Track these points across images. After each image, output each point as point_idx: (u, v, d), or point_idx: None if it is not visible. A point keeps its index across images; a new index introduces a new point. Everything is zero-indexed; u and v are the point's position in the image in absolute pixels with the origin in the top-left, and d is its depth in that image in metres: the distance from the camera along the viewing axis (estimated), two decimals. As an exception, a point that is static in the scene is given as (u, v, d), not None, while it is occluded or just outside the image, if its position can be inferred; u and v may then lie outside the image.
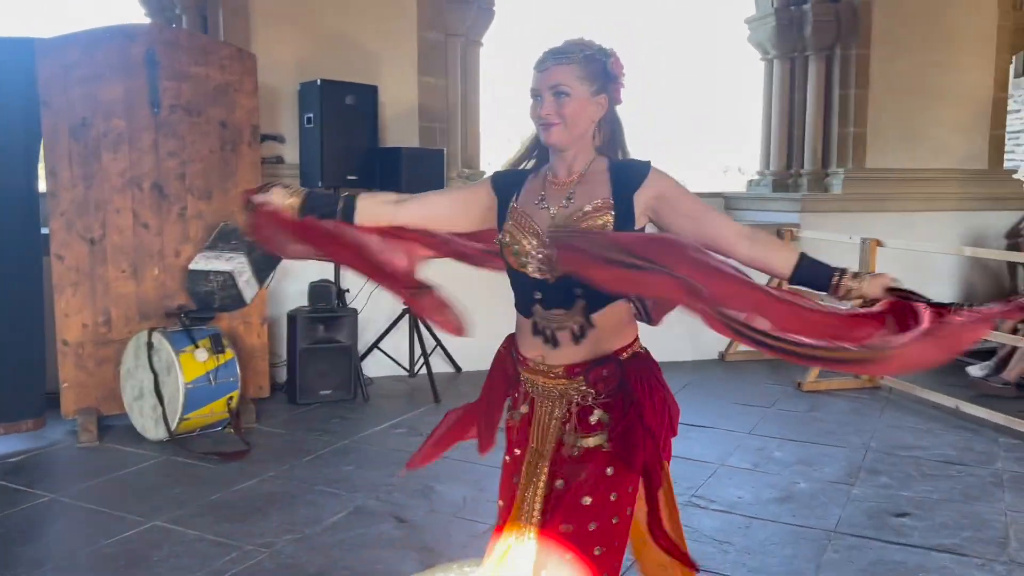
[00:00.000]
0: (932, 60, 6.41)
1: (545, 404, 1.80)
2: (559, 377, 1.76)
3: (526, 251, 1.72)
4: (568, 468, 1.74)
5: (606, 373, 1.72)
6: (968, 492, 3.67)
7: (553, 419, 1.78)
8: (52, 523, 3.34)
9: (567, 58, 1.68)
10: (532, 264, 1.71)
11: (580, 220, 1.67)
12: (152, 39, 4.47)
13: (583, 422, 1.75)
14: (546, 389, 1.79)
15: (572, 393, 1.75)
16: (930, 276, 6.52)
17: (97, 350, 4.44)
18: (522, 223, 1.74)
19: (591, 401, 1.75)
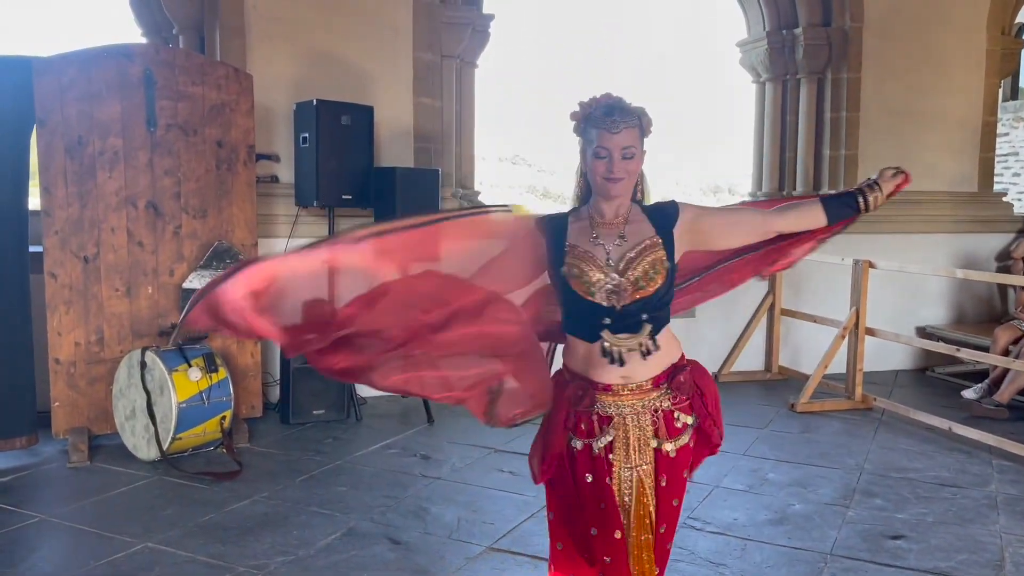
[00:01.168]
0: (922, 84, 6.49)
1: (633, 420, 1.99)
2: (647, 391, 1.98)
3: (594, 281, 1.92)
4: (668, 467, 2.00)
5: (683, 378, 2.01)
6: (963, 514, 3.67)
7: (642, 432, 1.99)
8: (41, 544, 3.30)
9: (633, 121, 1.92)
10: (600, 293, 1.91)
11: (641, 255, 1.92)
12: (149, 59, 4.49)
13: (670, 426, 2.00)
14: (633, 406, 1.98)
15: (657, 402, 1.99)
16: (921, 298, 6.57)
17: (89, 369, 4.42)
18: (585, 258, 1.94)
19: (671, 406, 2.00)
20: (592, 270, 1.92)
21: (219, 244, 4.67)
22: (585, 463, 2.00)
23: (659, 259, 1.92)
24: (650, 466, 1.99)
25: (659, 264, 1.92)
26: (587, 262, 1.92)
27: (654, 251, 1.92)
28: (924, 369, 6.49)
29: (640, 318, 1.92)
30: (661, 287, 1.92)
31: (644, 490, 1.99)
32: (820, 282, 6.27)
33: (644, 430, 1.98)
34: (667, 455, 1.99)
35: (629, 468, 1.99)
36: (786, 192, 6.72)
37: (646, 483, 1.99)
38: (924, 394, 5.83)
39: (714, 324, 6.22)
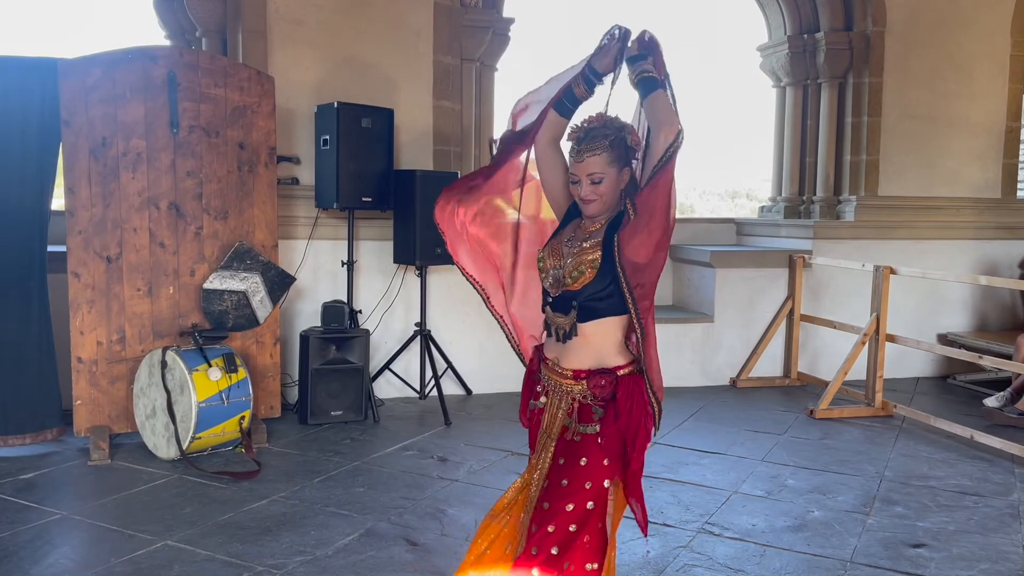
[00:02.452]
0: (945, 89, 6.44)
1: (554, 398, 2.18)
2: (567, 378, 2.14)
3: (546, 268, 2.16)
4: (568, 450, 2.13)
5: (604, 382, 2.10)
6: (985, 523, 3.63)
7: (560, 411, 2.17)
8: (64, 540, 3.33)
9: (597, 149, 2.06)
10: (547, 280, 2.16)
11: (579, 255, 2.10)
12: (173, 61, 4.53)
13: (583, 415, 2.12)
14: (557, 385, 2.17)
15: (576, 392, 2.13)
16: (943, 304, 6.51)
17: (111, 368, 4.46)
18: (554, 251, 2.17)
19: (590, 401, 2.11)
20: (550, 259, 2.16)
21: (240, 245, 4.70)
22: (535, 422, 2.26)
23: (591, 260, 2.07)
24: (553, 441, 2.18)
25: (588, 264, 2.07)
26: (552, 253, 2.16)
27: (591, 252, 2.08)
28: (945, 377, 6.43)
29: (571, 304, 2.10)
30: (589, 285, 2.07)
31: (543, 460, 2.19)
32: (840, 288, 6.23)
33: (561, 410, 2.16)
34: (570, 439, 2.13)
35: (543, 436, 2.21)
36: (806, 197, 6.69)
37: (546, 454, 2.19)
38: (945, 402, 5.77)
39: (733, 329, 6.19)
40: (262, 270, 4.76)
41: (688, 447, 4.64)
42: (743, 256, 6.35)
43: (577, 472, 2.09)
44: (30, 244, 4.32)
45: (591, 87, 2.14)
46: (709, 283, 6.27)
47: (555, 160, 2.23)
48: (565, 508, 2.07)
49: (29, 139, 4.27)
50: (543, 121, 2.18)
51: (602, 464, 2.09)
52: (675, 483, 4.07)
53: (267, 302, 4.80)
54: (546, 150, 2.22)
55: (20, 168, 4.27)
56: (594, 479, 2.08)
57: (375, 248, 5.48)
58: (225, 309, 4.67)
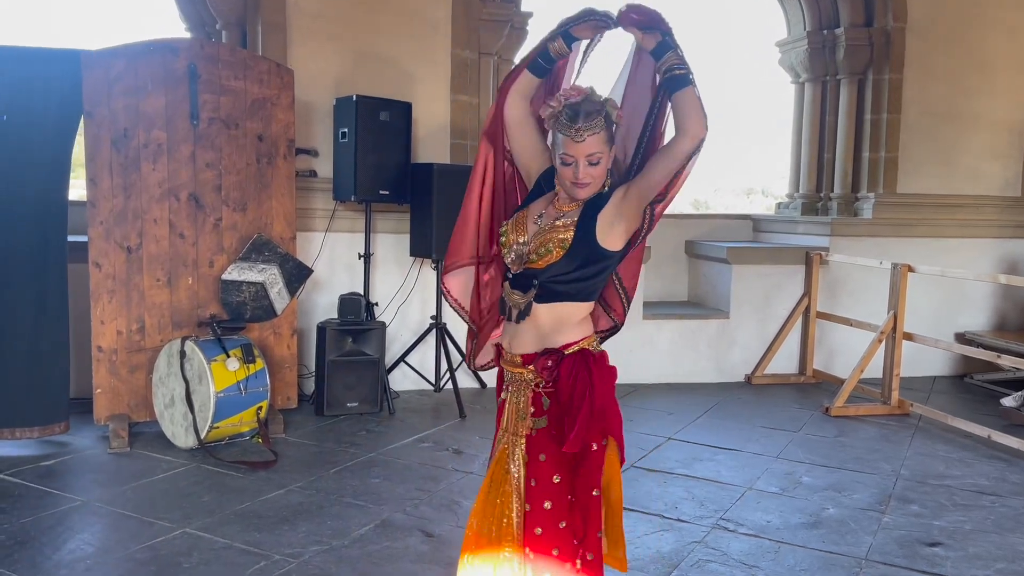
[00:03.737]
0: (966, 86, 6.38)
1: (514, 390, 2.10)
2: (519, 366, 2.08)
3: (510, 244, 2.04)
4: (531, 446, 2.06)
5: (550, 363, 2.01)
6: (1002, 523, 3.61)
7: (520, 403, 2.08)
8: (84, 527, 3.38)
9: (597, 127, 1.92)
10: (509, 256, 2.04)
11: (547, 231, 1.99)
12: (194, 53, 4.56)
13: (537, 407, 2.06)
14: (514, 376, 2.10)
15: (528, 380, 2.06)
16: (961, 303, 6.47)
17: (130, 357, 4.51)
18: (518, 226, 2.05)
19: (540, 388, 2.04)
20: (515, 234, 2.04)
21: (258, 237, 4.73)
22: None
23: (560, 239, 1.97)
24: (520, 438, 2.08)
25: (558, 243, 1.97)
26: (519, 227, 2.05)
27: (563, 231, 1.98)
28: (963, 376, 6.39)
29: (532, 282, 2.01)
30: (555, 264, 1.97)
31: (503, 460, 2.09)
32: (857, 285, 6.20)
33: (520, 400, 2.08)
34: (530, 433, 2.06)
35: (503, 433, 2.12)
36: (824, 194, 6.65)
37: (509, 456, 2.08)
38: (962, 401, 5.74)
39: (748, 326, 6.18)
40: (280, 262, 4.79)
41: (703, 443, 4.64)
42: (760, 252, 6.33)
43: (540, 468, 2.03)
44: (49, 235, 4.35)
45: (568, 45, 2.01)
46: (725, 279, 6.26)
47: (528, 124, 2.10)
48: (543, 507, 2.04)
49: (48, 131, 4.30)
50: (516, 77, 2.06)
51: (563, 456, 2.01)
52: (690, 479, 4.07)
53: (285, 294, 4.83)
54: (520, 113, 2.09)
55: (40, 159, 4.30)
56: (561, 471, 2.02)
57: (392, 241, 5.51)
58: (243, 300, 4.71)
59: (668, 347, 6.03)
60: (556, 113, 1.95)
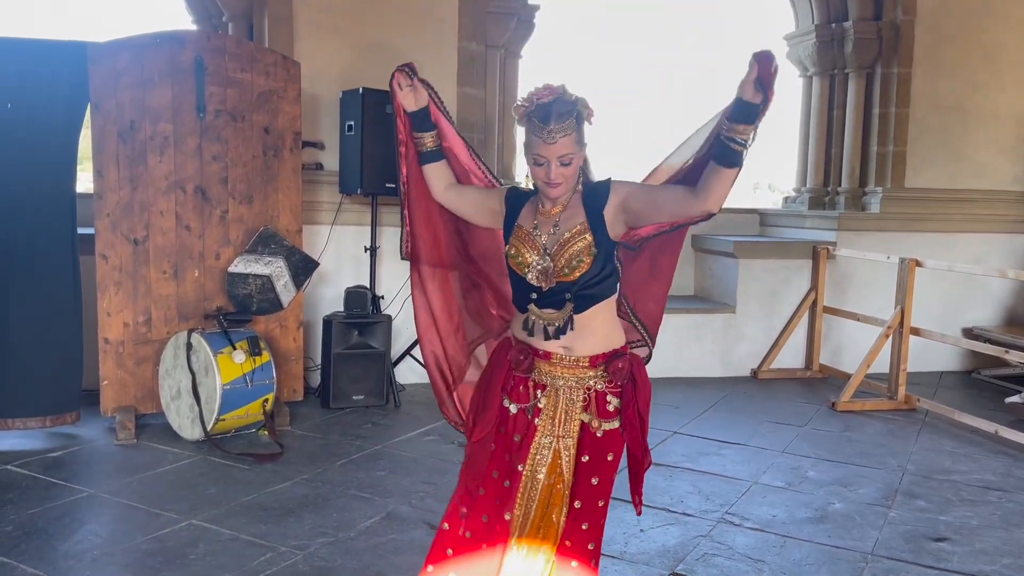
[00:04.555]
0: (975, 80, 6.35)
1: (565, 392, 2.06)
2: (584, 367, 2.04)
3: (528, 263, 2.02)
4: (592, 446, 2.05)
5: (621, 365, 2.03)
6: (1008, 519, 3.60)
7: (570, 405, 2.06)
8: (90, 518, 3.39)
9: (568, 129, 1.93)
10: (532, 273, 2.01)
11: (567, 243, 1.98)
12: (200, 46, 4.56)
13: (601, 408, 2.05)
14: (565, 379, 2.05)
15: (592, 381, 2.05)
16: (969, 298, 6.44)
17: (137, 349, 4.52)
18: (525, 241, 2.05)
19: (605, 388, 2.04)
20: (528, 251, 2.02)
21: (264, 229, 4.73)
22: (513, 424, 2.10)
23: (586, 246, 1.97)
24: (573, 440, 2.06)
25: (586, 252, 1.97)
26: (526, 244, 2.03)
27: (583, 237, 1.98)
28: (970, 371, 6.37)
29: (564, 297, 2.00)
30: (587, 272, 1.97)
31: (558, 462, 2.07)
32: (864, 280, 6.18)
33: (574, 403, 2.06)
34: (593, 433, 2.05)
35: (550, 438, 2.07)
36: (831, 188, 6.63)
37: (563, 456, 2.06)
38: (970, 396, 5.72)
39: (755, 320, 6.16)
40: (286, 254, 4.79)
41: (709, 437, 4.64)
42: (766, 247, 6.31)
43: (606, 468, 2.06)
44: (60, 226, 4.36)
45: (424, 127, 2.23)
46: (732, 273, 6.24)
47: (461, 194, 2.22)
48: (597, 504, 2.07)
49: (56, 123, 4.30)
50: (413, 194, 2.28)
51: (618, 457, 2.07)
52: (695, 473, 4.07)
53: (291, 286, 4.83)
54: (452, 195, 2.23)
55: (49, 152, 4.31)
56: (615, 471, 2.09)
57: (398, 234, 5.45)
58: (249, 293, 4.71)
59: (674, 341, 6.01)
60: (528, 113, 1.95)
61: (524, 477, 2.08)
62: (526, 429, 2.09)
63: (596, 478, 2.06)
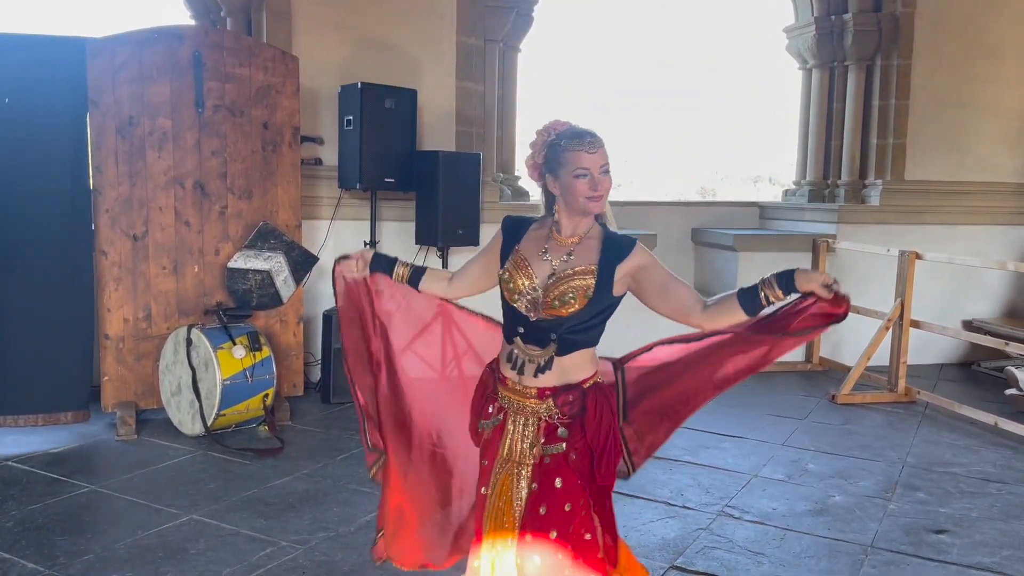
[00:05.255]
0: (976, 72, 6.33)
1: (519, 419, 2.06)
2: (532, 397, 2.03)
3: (520, 290, 2.01)
4: (542, 474, 2.02)
5: (572, 398, 2.01)
6: (1008, 510, 3.60)
7: (524, 433, 2.05)
8: (91, 514, 3.40)
9: (603, 141, 1.99)
10: (522, 302, 2.01)
11: (568, 278, 1.98)
12: (198, 41, 4.55)
13: (550, 435, 2.02)
14: (520, 406, 2.05)
15: (542, 412, 2.03)
16: (969, 290, 6.44)
17: (137, 345, 4.52)
18: (521, 266, 2.04)
19: (555, 419, 2.02)
20: (521, 278, 2.02)
21: (264, 225, 4.73)
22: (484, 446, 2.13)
23: (584, 287, 1.96)
24: (528, 467, 2.03)
25: (581, 291, 1.96)
26: (521, 270, 2.03)
27: (583, 278, 1.97)
28: (970, 363, 6.37)
29: (550, 336, 1.99)
30: (577, 312, 1.96)
31: (506, 489, 2.04)
32: (864, 272, 6.17)
33: (525, 430, 2.04)
34: (541, 460, 2.02)
35: (505, 462, 2.06)
36: (831, 181, 6.62)
37: (513, 484, 2.04)
38: (969, 388, 5.72)
39: (754, 313, 6.15)
40: (286, 250, 4.79)
41: (709, 430, 4.64)
42: (766, 240, 6.31)
43: (555, 496, 1.98)
44: (74, 223, 4.35)
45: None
46: (731, 267, 6.24)
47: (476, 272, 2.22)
48: (548, 536, 1.97)
49: (61, 119, 4.29)
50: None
51: (576, 483, 2.00)
52: (695, 466, 4.07)
53: (290, 282, 4.83)
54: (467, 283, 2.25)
55: (57, 147, 4.29)
56: (573, 500, 1.99)
57: (397, 229, 5.50)
58: (249, 288, 4.72)
59: (673, 335, 6.01)
60: (551, 141, 2.01)
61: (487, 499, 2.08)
62: (493, 454, 2.09)
63: (544, 506, 1.98)
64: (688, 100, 15.68)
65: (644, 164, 14.84)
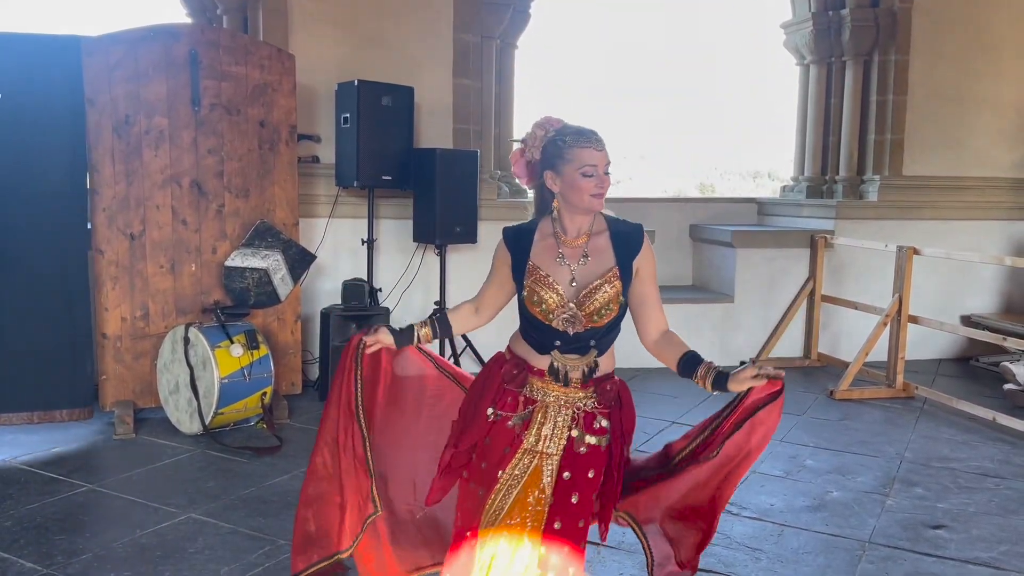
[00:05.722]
0: (973, 68, 6.32)
1: (555, 409, 2.06)
2: (575, 389, 2.05)
3: (552, 308, 2.02)
4: (574, 464, 2.03)
5: (610, 388, 2.06)
6: (1006, 505, 3.61)
7: (557, 424, 2.06)
8: (90, 513, 3.40)
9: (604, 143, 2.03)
10: (557, 320, 2.01)
11: (596, 290, 2.00)
12: (194, 39, 4.54)
13: (588, 425, 2.05)
14: (557, 397, 2.06)
15: (581, 402, 2.05)
16: (967, 286, 6.44)
17: (134, 344, 4.52)
18: (542, 281, 2.04)
19: (594, 408, 2.06)
20: (550, 296, 2.02)
21: (261, 223, 4.73)
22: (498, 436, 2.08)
23: (615, 294, 2.01)
24: (557, 457, 2.04)
25: (615, 300, 2.01)
26: (546, 288, 2.03)
27: (612, 285, 2.02)
28: (968, 358, 6.37)
29: (589, 344, 2.03)
30: (614, 319, 2.03)
31: (537, 478, 2.03)
32: (862, 268, 6.18)
33: (563, 420, 2.05)
34: (576, 451, 2.04)
35: (532, 455, 2.05)
36: (829, 176, 6.62)
37: (544, 473, 2.03)
38: (968, 384, 5.73)
39: (753, 309, 6.16)
40: (283, 248, 4.79)
41: (707, 427, 4.64)
42: (764, 236, 6.31)
43: (585, 485, 2.03)
44: (70, 221, 4.34)
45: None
46: (730, 263, 6.24)
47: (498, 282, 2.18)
48: (577, 525, 2.02)
49: (58, 117, 4.28)
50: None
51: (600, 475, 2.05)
52: (693, 462, 4.07)
53: (288, 280, 4.83)
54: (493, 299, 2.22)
55: (54, 146, 4.28)
56: (596, 490, 2.06)
57: (395, 227, 5.50)
58: (247, 286, 4.71)
59: (673, 330, 6.02)
60: (552, 137, 2.02)
61: (500, 483, 2.04)
62: (512, 441, 2.07)
63: (576, 495, 2.02)
64: (687, 97, 15.66)
65: (643, 161, 14.83)
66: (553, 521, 2.01)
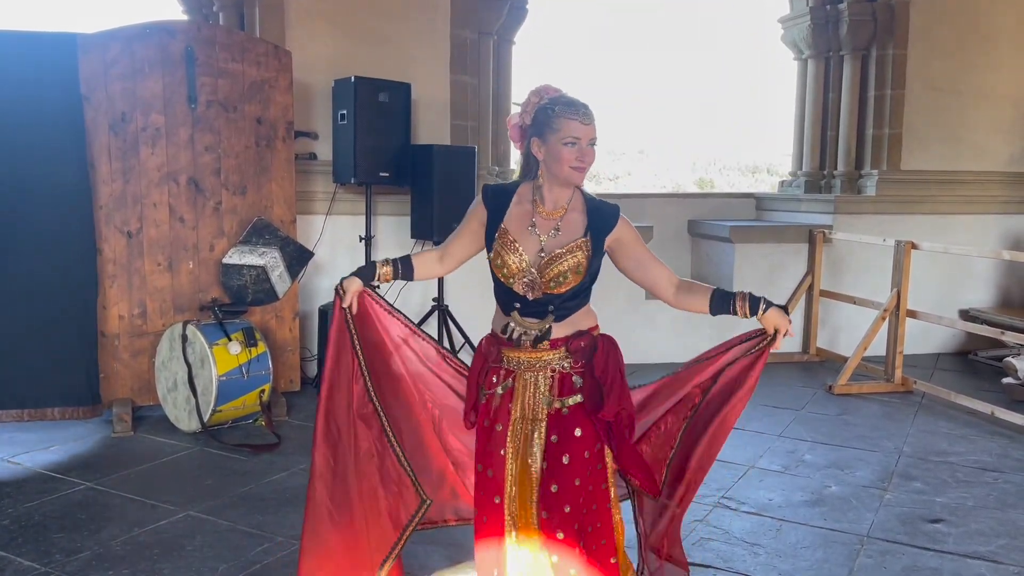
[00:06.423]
0: (971, 61, 6.31)
1: (530, 376, 2.11)
2: (545, 350, 2.09)
3: (513, 272, 2.06)
4: (559, 425, 2.08)
5: (583, 344, 2.09)
6: (1004, 499, 3.61)
7: (539, 389, 2.10)
8: (88, 511, 3.39)
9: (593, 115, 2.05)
10: (518, 284, 2.06)
11: (560, 257, 2.04)
12: (191, 36, 4.53)
13: (564, 387, 2.10)
14: (530, 363, 2.10)
15: (555, 362, 2.09)
16: (966, 280, 6.44)
17: (132, 342, 4.51)
18: (509, 246, 2.07)
19: (569, 368, 2.09)
20: (513, 260, 2.06)
21: (258, 220, 4.72)
22: (493, 413, 2.15)
23: (576, 264, 2.04)
24: (544, 422, 2.10)
25: (574, 270, 2.04)
26: (512, 252, 2.07)
27: (574, 255, 2.04)
28: (966, 353, 6.37)
29: (547, 309, 2.07)
30: (574, 287, 2.05)
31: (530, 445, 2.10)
32: (860, 263, 6.17)
33: (540, 386, 2.11)
34: (559, 412, 2.09)
35: (523, 421, 2.12)
36: (827, 171, 6.61)
37: (535, 439, 2.10)
38: (966, 378, 5.73)
39: (751, 305, 6.15)
40: (281, 245, 4.78)
41: (705, 422, 4.64)
42: (762, 231, 6.31)
43: (574, 444, 2.07)
44: (73, 220, 4.32)
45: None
46: (728, 258, 6.24)
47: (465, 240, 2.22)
48: (573, 483, 2.06)
49: (57, 115, 4.25)
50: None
51: (593, 431, 2.09)
52: (692, 458, 4.07)
53: (286, 277, 4.83)
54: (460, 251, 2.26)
55: (53, 144, 4.26)
56: (590, 447, 2.09)
57: (393, 223, 5.49)
58: (244, 284, 4.71)
59: (670, 326, 6.01)
60: (544, 105, 2.03)
61: (507, 461, 2.12)
62: (504, 419, 2.14)
63: (567, 456, 2.06)
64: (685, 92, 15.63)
65: (641, 156, 14.82)
66: (549, 484, 2.06)
